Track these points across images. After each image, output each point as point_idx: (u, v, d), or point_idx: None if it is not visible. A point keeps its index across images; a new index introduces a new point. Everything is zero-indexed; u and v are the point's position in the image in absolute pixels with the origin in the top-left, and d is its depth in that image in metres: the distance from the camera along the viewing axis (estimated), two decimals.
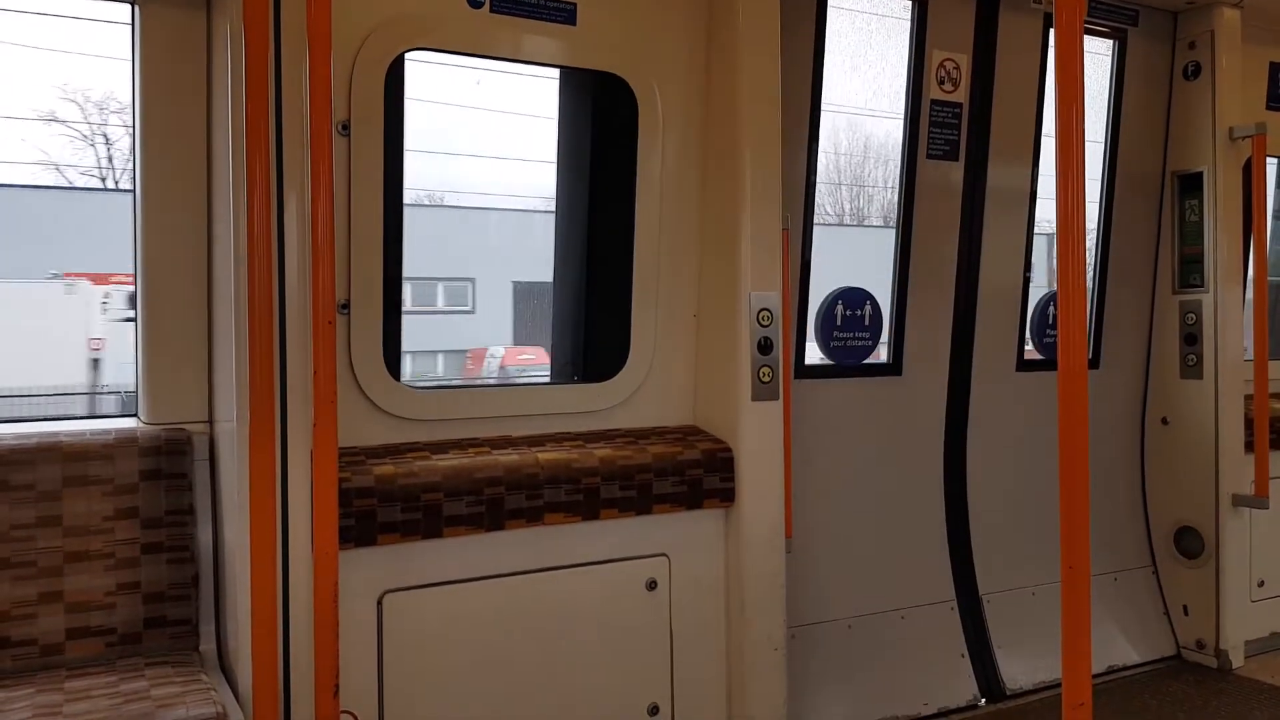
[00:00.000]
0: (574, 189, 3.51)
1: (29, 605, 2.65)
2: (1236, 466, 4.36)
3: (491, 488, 2.88)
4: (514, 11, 3.06)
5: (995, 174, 4.15)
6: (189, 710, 2.32)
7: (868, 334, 3.98)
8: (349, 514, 2.67)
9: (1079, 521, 2.09)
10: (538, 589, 3.02)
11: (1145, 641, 4.48)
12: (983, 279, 4.18)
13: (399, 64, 2.92)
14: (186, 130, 2.95)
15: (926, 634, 4.03)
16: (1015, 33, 4.12)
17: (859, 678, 3.84)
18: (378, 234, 2.87)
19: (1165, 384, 4.56)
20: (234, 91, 2.57)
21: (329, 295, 2.52)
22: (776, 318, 3.30)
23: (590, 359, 3.49)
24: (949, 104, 4.01)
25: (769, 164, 3.28)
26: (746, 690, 3.27)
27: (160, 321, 2.96)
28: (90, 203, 13.82)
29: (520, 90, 4.09)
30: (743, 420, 3.26)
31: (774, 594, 3.31)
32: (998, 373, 4.27)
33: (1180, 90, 4.50)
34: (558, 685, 3.04)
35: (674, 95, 3.33)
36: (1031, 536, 4.27)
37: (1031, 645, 4.18)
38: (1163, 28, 4.50)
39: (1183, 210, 4.51)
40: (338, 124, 2.76)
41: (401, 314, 3.07)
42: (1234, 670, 4.35)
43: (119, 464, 2.80)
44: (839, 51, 3.87)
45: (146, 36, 2.91)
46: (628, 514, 3.11)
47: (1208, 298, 4.39)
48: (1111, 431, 4.57)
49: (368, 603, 2.79)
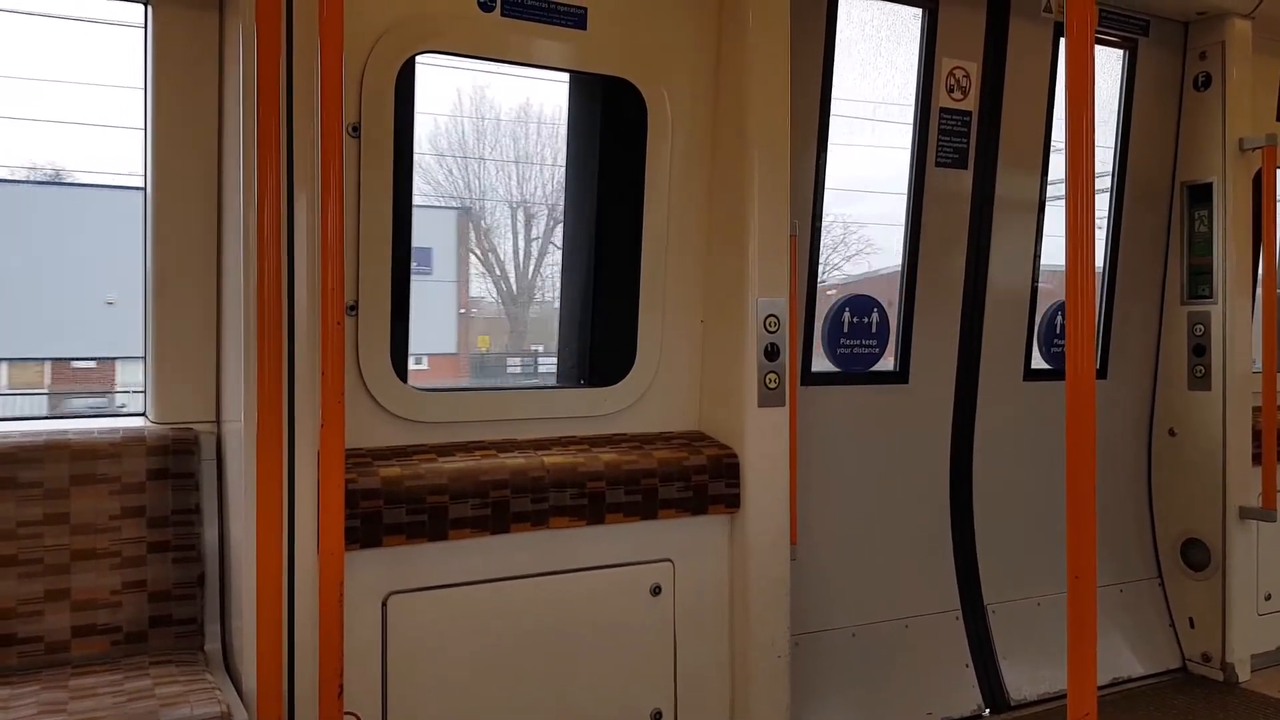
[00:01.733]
0: (581, 192, 3.51)
1: (35, 603, 2.66)
2: (1244, 479, 4.35)
3: (497, 491, 2.89)
4: (525, 15, 3.07)
5: (1004, 182, 4.15)
6: (193, 709, 2.32)
7: (875, 341, 3.97)
8: (355, 515, 2.67)
9: (1085, 532, 2.08)
10: (542, 592, 3.02)
11: (1151, 653, 4.46)
12: (990, 288, 4.17)
13: (410, 67, 2.93)
14: (197, 130, 2.96)
15: (931, 643, 4.02)
16: (1025, 41, 4.12)
17: (862, 686, 3.83)
18: (386, 236, 2.88)
19: (1173, 395, 4.55)
20: (245, 92, 2.58)
21: (338, 296, 2.52)
22: (784, 324, 3.29)
23: (596, 363, 3.49)
24: (958, 112, 4.01)
25: (777, 169, 3.28)
26: (750, 697, 3.27)
27: (169, 321, 2.98)
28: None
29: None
30: (749, 426, 3.26)
31: (778, 601, 3.30)
32: (1005, 382, 4.25)
33: (1190, 101, 4.49)
34: (561, 689, 3.04)
35: (682, 100, 3.33)
36: (1037, 546, 4.26)
37: (1036, 656, 4.16)
38: (1173, 38, 4.49)
39: (1192, 221, 4.50)
40: (348, 126, 2.77)
41: (409, 316, 3.08)
42: (1240, 684, 4.32)
43: (126, 463, 2.81)
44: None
45: (158, 37, 2.92)
46: (633, 519, 3.11)
47: (1216, 309, 4.38)
48: (1118, 442, 4.56)
49: (373, 604, 2.79)
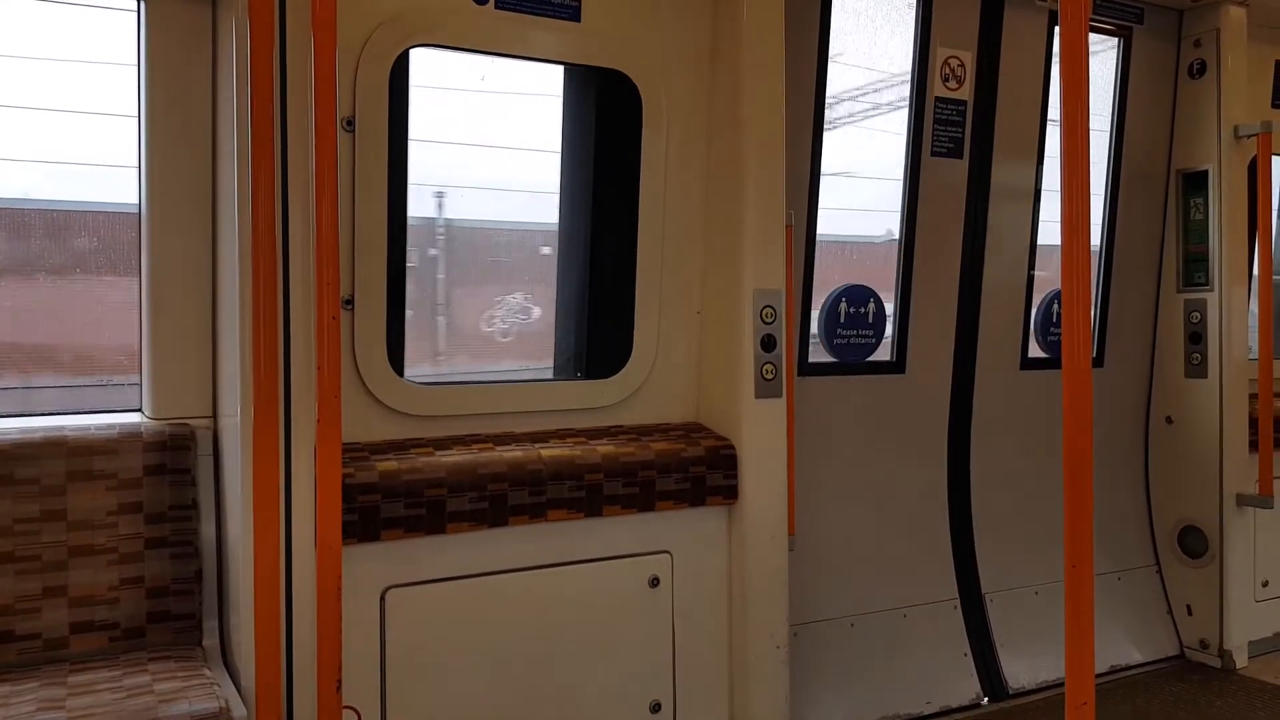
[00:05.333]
0: (577, 184, 3.50)
1: (33, 599, 2.66)
2: (1241, 466, 4.36)
3: (495, 484, 2.88)
4: (519, 8, 3.05)
5: (999, 171, 4.14)
6: (191, 705, 2.33)
7: (871, 331, 3.97)
8: (352, 509, 2.67)
9: (1083, 520, 2.08)
10: (540, 585, 3.02)
11: (1149, 641, 4.48)
12: (987, 277, 4.17)
13: (404, 60, 2.92)
14: (192, 124, 2.95)
15: (929, 632, 4.02)
16: (1020, 30, 4.11)
17: (861, 676, 3.84)
18: (382, 230, 2.87)
19: (1170, 383, 4.55)
20: (239, 86, 2.57)
21: (333, 291, 2.52)
22: (780, 314, 3.29)
23: (594, 355, 3.48)
24: (953, 101, 4.01)
25: (773, 159, 3.27)
26: (749, 688, 3.27)
27: (165, 316, 2.97)
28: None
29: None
30: (746, 417, 3.26)
31: (776, 591, 3.30)
32: (1002, 371, 4.26)
33: (1185, 88, 4.49)
34: (559, 681, 3.04)
35: (678, 90, 3.32)
36: (1035, 535, 4.26)
37: (1034, 644, 4.18)
38: (1168, 26, 4.48)
39: (1187, 209, 4.50)
40: (342, 120, 2.75)
41: (405, 310, 3.08)
42: (1237, 670, 4.34)
43: (123, 459, 2.80)
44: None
45: (152, 30, 2.91)
46: (630, 511, 3.11)
47: (1212, 296, 4.38)
48: (1116, 430, 4.56)
49: (371, 598, 2.79)
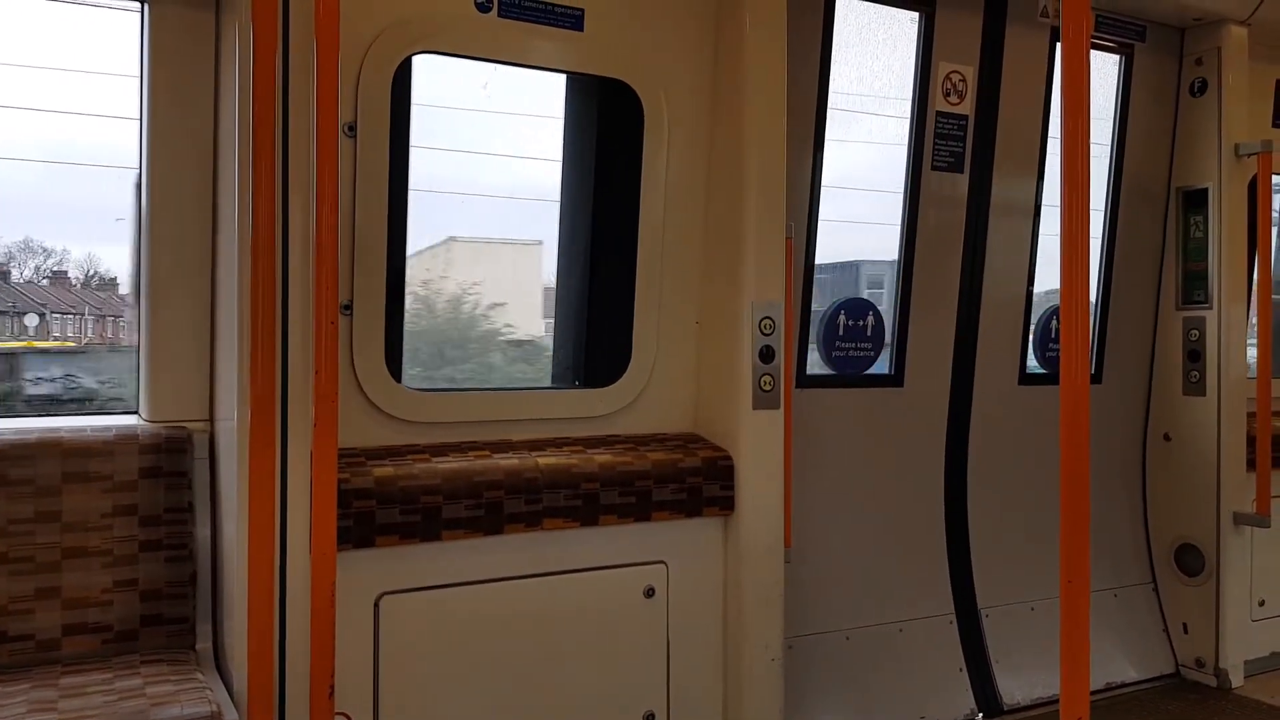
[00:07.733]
0: (578, 193, 3.51)
1: (26, 601, 2.65)
2: (1238, 484, 4.35)
3: (491, 491, 2.88)
4: (522, 16, 3.07)
5: (1000, 187, 4.15)
6: (183, 708, 2.31)
7: (870, 344, 3.97)
8: (348, 515, 2.67)
9: (1079, 536, 2.08)
10: (535, 594, 3.02)
11: (1144, 659, 4.46)
12: (986, 292, 4.17)
13: (406, 66, 2.93)
14: (193, 129, 2.95)
15: (924, 647, 4.01)
16: (1022, 46, 4.13)
17: (856, 690, 3.82)
18: (381, 236, 2.88)
19: (1168, 400, 4.55)
20: (241, 91, 2.57)
21: (332, 296, 2.52)
22: (779, 326, 3.29)
23: (592, 364, 3.48)
24: (955, 116, 4.02)
25: (774, 171, 3.28)
26: (743, 700, 3.26)
27: (163, 319, 2.96)
28: None
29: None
30: (743, 428, 3.26)
31: (772, 603, 3.29)
32: (1000, 386, 4.25)
33: (1186, 106, 4.50)
34: (553, 691, 3.03)
35: (679, 101, 3.33)
36: (1031, 551, 4.25)
37: (1030, 660, 4.16)
38: (1169, 44, 4.50)
39: (1187, 226, 4.50)
40: (344, 125, 2.76)
41: (404, 316, 3.08)
42: (1233, 689, 4.32)
43: (119, 461, 2.79)
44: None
45: (155, 35, 2.92)
46: (627, 520, 3.10)
47: (1211, 314, 4.38)
48: (1113, 447, 4.56)
49: (365, 604, 2.78)
